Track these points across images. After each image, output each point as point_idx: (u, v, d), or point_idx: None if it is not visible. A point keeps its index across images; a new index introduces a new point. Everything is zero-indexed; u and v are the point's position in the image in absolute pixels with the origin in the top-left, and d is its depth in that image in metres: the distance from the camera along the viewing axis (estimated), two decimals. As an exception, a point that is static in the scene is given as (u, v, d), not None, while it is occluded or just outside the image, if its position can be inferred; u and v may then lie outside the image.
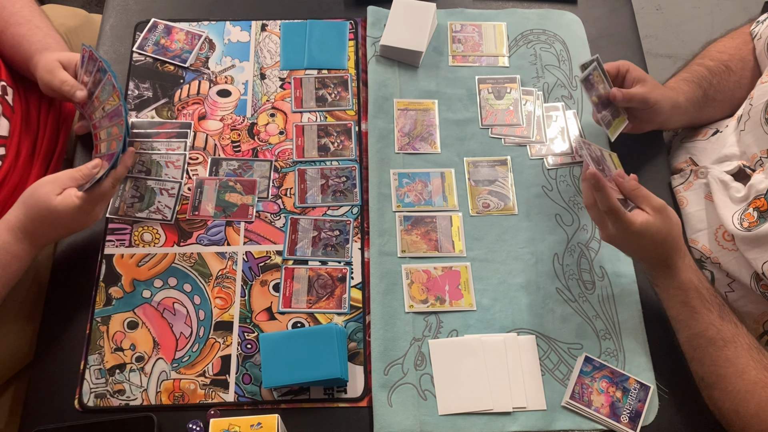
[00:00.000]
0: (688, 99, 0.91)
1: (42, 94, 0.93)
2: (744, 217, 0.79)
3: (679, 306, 0.76)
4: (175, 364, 0.82)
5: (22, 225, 0.78)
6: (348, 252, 0.89)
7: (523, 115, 0.99)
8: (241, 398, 0.80)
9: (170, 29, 1.05)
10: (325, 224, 0.90)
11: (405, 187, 0.93)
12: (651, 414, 0.79)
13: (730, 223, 0.81)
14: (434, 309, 0.85)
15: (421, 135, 0.97)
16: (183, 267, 0.88)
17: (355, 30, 1.06)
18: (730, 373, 0.72)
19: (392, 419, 0.78)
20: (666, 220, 0.76)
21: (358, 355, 0.83)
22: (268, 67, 1.03)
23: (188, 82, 1.01)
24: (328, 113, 0.99)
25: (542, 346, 0.83)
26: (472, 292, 0.86)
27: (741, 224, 0.79)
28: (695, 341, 0.75)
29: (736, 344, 0.73)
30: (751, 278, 0.81)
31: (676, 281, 0.76)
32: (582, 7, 1.10)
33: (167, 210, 0.91)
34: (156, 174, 0.93)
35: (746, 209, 0.80)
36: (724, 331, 0.74)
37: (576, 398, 0.79)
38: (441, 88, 1.01)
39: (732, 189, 0.83)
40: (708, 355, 0.74)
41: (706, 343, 0.74)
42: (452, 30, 1.06)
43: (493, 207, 0.92)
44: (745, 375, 0.71)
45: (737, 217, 0.80)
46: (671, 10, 2.16)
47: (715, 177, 0.86)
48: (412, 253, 0.88)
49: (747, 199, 0.80)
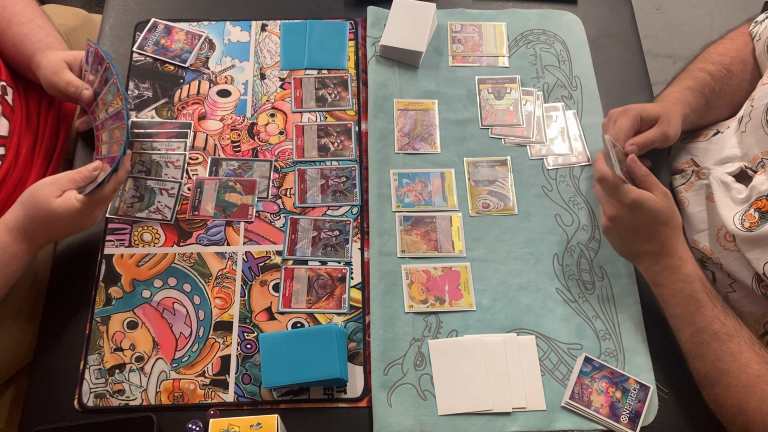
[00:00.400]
0: (693, 110, 0.91)
1: (42, 94, 0.93)
2: (745, 218, 0.79)
3: (686, 301, 0.76)
4: (175, 364, 0.82)
5: (20, 226, 0.78)
6: (348, 252, 0.89)
7: (523, 115, 0.99)
8: (240, 398, 0.80)
9: (170, 29, 1.05)
10: (324, 224, 0.90)
11: (405, 187, 0.93)
12: (651, 414, 0.79)
13: (732, 224, 0.81)
14: (434, 309, 0.85)
15: (421, 135, 0.97)
16: (183, 267, 0.88)
17: (355, 30, 1.06)
18: (734, 367, 0.72)
19: (392, 419, 0.78)
20: (671, 205, 0.77)
21: (357, 356, 0.83)
22: (268, 67, 1.03)
23: (188, 82, 1.01)
24: (328, 113, 0.99)
25: (542, 346, 0.83)
26: (472, 292, 0.86)
27: (742, 224, 0.79)
28: (699, 336, 0.75)
29: (739, 338, 0.73)
30: (752, 279, 0.81)
31: (682, 274, 0.76)
32: (582, 8, 1.10)
33: (167, 210, 0.91)
34: (156, 174, 0.93)
35: (747, 210, 0.80)
36: (728, 325, 0.74)
37: (576, 398, 0.79)
38: (441, 88, 1.01)
39: (734, 190, 0.83)
40: (712, 351, 0.74)
41: (709, 338, 0.74)
42: (452, 30, 1.06)
43: (493, 207, 0.92)
44: (748, 369, 0.71)
45: (738, 218, 0.80)
46: (671, 10, 2.16)
47: (717, 178, 0.86)
48: (412, 253, 0.88)
49: (749, 200, 0.80)
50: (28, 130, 0.91)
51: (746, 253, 0.79)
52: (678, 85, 0.93)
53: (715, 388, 0.74)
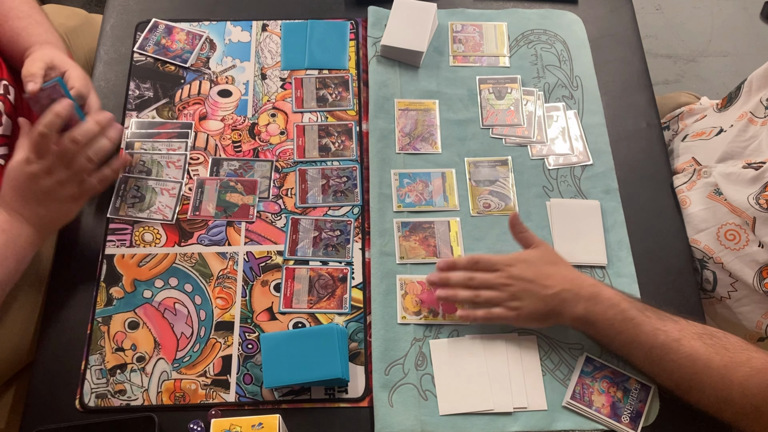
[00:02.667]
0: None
1: None
2: (761, 197, 0.78)
3: (622, 325, 0.74)
4: (176, 364, 0.82)
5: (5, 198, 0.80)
6: (349, 252, 0.89)
7: (524, 115, 0.99)
8: (242, 398, 0.80)
9: (171, 29, 1.05)
10: (326, 224, 0.90)
11: (406, 188, 0.93)
12: (652, 414, 0.79)
13: (748, 205, 0.79)
14: (427, 322, 0.84)
15: (421, 135, 0.97)
16: (184, 267, 0.88)
17: (355, 30, 1.06)
18: (698, 368, 0.71)
19: (393, 419, 0.78)
20: (551, 249, 0.83)
21: (359, 355, 0.83)
22: (269, 67, 1.03)
23: (189, 83, 1.01)
24: (328, 113, 0.99)
25: (543, 346, 0.83)
26: (466, 306, 0.85)
27: (758, 203, 0.78)
28: (652, 354, 0.73)
29: (686, 338, 0.72)
30: (754, 277, 0.81)
31: (604, 299, 0.75)
32: (583, 7, 1.10)
33: (168, 210, 0.91)
34: (157, 174, 0.93)
35: (763, 191, 0.79)
36: (670, 331, 0.73)
37: (577, 398, 0.79)
38: (442, 88, 1.01)
39: (741, 174, 0.82)
40: (670, 362, 0.72)
41: (662, 352, 0.72)
42: (453, 30, 1.06)
43: (494, 207, 0.92)
44: (712, 363, 0.70)
45: (753, 198, 0.79)
46: (671, 10, 2.16)
47: (721, 173, 0.86)
48: (411, 260, 0.88)
49: (762, 180, 0.79)
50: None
51: (763, 236, 0.78)
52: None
53: (692, 394, 0.73)
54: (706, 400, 0.72)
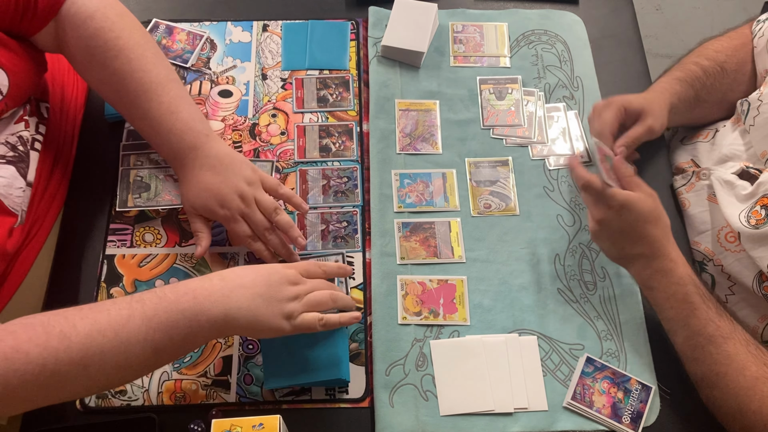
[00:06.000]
0: (680, 100, 0.91)
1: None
2: (751, 215, 0.79)
3: (680, 304, 0.75)
4: (177, 365, 0.82)
5: None
6: (357, 242, 0.89)
7: (525, 115, 0.99)
8: (242, 399, 0.80)
9: (171, 29, 1.05)
10: (332, 217, 0.90)
11: (406, 188, 0.93)
12: (653, 415, 0.79)
13: (737, 221, 0.80)
14: (427, 322, 0.84)
15: (422, 135, 0.97)
16: (185, 267, 0.88)
17: (356, 30, 1.06)
18: (731, 370, 0.71)
19: (393, 420, 0.78)
20: (658, 205, 0.76)
21: (359, 356, 0.83)
22: (270, 67, 1.03)
23: (190, 83, 1.01)
24: (329, 114, 0.99)
25: (543, 346, 0.83)
26: (467, 307, 0.85)
27: (748, 222, 0.79)
28: (694, 340, 0.74)
29: (734, 340, 0.72)
30: (753, 280, 0.81)
31: (675, 276, 0.75)
32: (583, 8, 1.10)
33: (176, 195, 0.88)
34: (156, 190, 0.90)
35: (753, 207, 0.79)
36: (722, 327, 0.73)
37: (577, 399, 0.79)
38: (442, 88, 1.01)
39: (737, 187, 0.82)
40: (708, 354, 0.73)
41: (705, 341, 0.73)
42: (453, 30, 1.06)
43: (494, 207, 0.92)
44: (746, 371, 0.71)
45: (744, 216, 0.80)
46: (671, 10, 2.16)
47: (719, 178, 0.86)
48: (411, 260, 0.88)
49: (754, 197, 0.80)
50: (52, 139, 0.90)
51: (751, 251, 0.79)
52: (667, 76, 0.94)
53: (713, 391, 0.73)
54: (724, 403, 0.72)
